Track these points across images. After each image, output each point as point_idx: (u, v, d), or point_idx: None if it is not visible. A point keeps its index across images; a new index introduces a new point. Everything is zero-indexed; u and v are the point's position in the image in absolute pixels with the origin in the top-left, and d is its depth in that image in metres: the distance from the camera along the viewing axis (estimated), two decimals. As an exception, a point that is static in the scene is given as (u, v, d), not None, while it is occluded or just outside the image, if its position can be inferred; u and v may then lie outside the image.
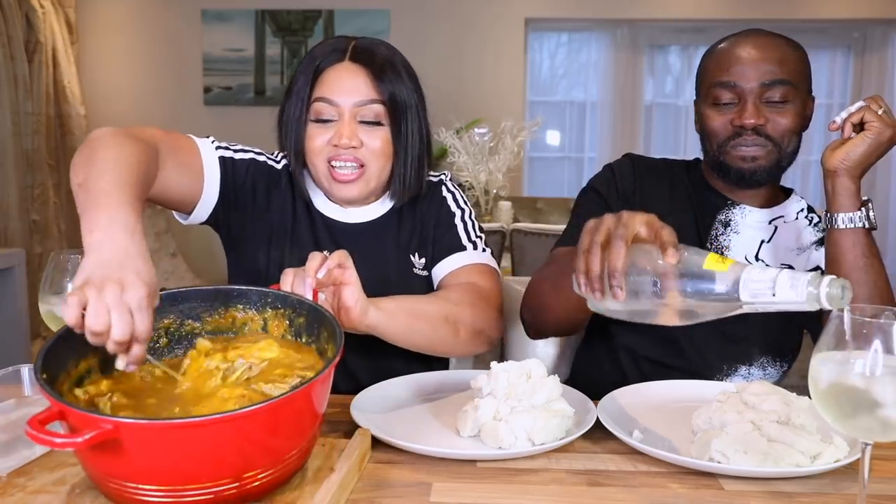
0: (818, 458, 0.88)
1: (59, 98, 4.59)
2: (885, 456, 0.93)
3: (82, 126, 4.68)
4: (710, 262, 0.84)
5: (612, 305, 0.89)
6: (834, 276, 0.76)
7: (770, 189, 1.34)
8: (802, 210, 1.37)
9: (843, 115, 1.12)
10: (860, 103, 1.12)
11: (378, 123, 1.20)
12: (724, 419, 0.96)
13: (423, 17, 4.90)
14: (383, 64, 1.20)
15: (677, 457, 0.89)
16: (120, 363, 0.79)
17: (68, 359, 0.81)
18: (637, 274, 0.86)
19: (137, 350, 0.78)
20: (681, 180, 1.38)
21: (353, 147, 1.18)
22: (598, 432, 1.00)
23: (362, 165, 1.20)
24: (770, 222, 1.34)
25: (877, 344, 0.67)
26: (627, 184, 1.35)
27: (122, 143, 0.96)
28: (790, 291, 0.78)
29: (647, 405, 1.10)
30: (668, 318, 0.87)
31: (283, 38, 4.94)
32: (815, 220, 1.37)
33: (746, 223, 1.33)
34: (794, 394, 1.00)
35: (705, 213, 1.34)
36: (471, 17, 4.93)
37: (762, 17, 4.89)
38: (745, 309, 0.82)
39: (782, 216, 1.35)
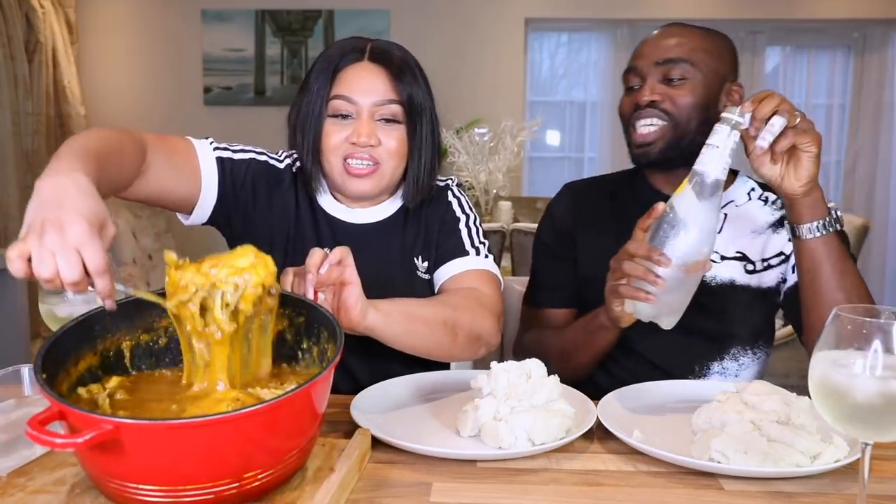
0: (818, 458, 0.88)
1: (59, 98, 4.59)
2: (885, 456, 0.93)
3: (82, 126, 4.68)
4: (678, 189, 1.04)
5: (672, 275, 1.04)
6: (729, 108, 1.01)
7: None
8: (753, 189, 1.37)
9: (769, 138, 1.03)
10: (780, 121, 1.02)
11: (395, 122, 1.20)
12: (724, 419, 0.96)
13: (423, 17, 4.90)
14: (401, 65, 1.21)
15: (677, 457, 0.89)
16: (98, 300, 0.78)
17: (67, 359, 0.81)
18: (658, 241, 1.04)
19: (100, 284, 0.76)
20: (622, 192, 1.41)
21: (371, 145, 1.18)
22: (598, 432, 1.00)
23: (377, 163, 1.20)
24: (720, 209, 1.32)
25: (877, 344, 0.67)
26: (567, 219, 1.41)
27: (96, 130, 0.98)
28: (717, 135, 1.02)
29: (647, 405, 1.10)
30: (701, 237, 1.04)
31: (283, 38, 4.94)
32: (771, 198, 1.35)
33: None
34: (794, 394, 1.00)
35: None
36: (471, 17, 4.93)
37: (762, 17, 4.89)
38: (721, 175, 1.02)
39: (732, 201, 1.35)
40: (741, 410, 0.96)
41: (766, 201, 1.35)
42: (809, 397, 0.75)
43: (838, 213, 1.13)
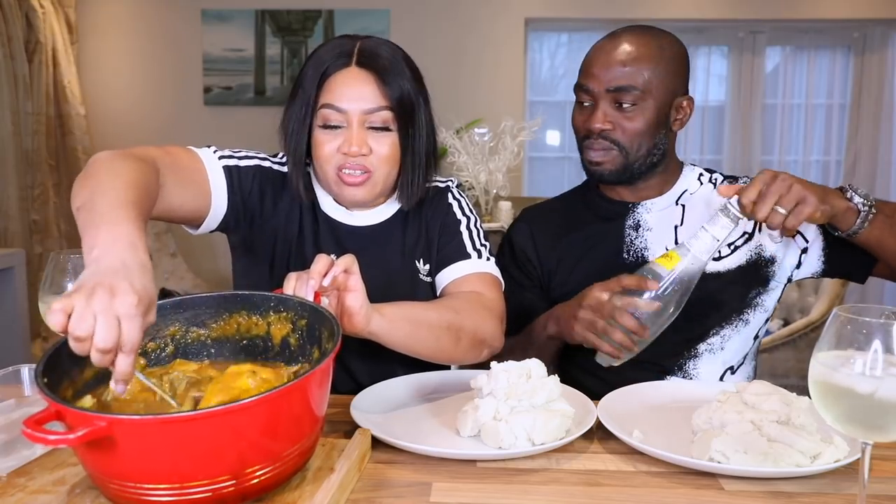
0: (818, 458, 0.88)
1: (59, 98, 4.58)
2: (885, 456, 0.93)
3: (82, 126, 4.68)
4: (666, 263, 1.12)
5: (644, 341, 1.16)
6: (723, 203, 1.09)
7: (663, 174, 1.37)
8: (702, 174, 1.41)
9: (776, 240, 1.12)
10: (776, 232, 1.08)
11: (386, 129, 1.19)
12: (724, 419, 0.96)
13: (423, 17, 4.90)
14: (389, 66, 1.19)
15: (677, 457, 0.89)
16: (112, 383, 0.74)
17: (72, 366, 0.81)
18: (640, 312, 1.13)
19: (122, 363, 0.72)
20: (579, 209, 1.44)
21: (363, 155, 1.17)
22: (598, 432, 1.00)
23: (369, 172, 1.19)
24: (676, 203, 1.37)
25: (877, 344, 0.67)
26: (527, 245, 1.44)
27: (120, 165, 0.93)
28: (718, 228, 1.09)
29: (647, 405, 1.10)
30: (678, 310, 1.15)
31: (283, 38, 4.94)
32: (719, 179, 1.40)
33: (654, 217, 1.36)
34: (794, 394, 1.00)
35: (614, 224, 1.38)
36: (471, 17, 4.92)
37: (762, 17, 4.89)
38: (710, 259, 1.13)
39: (685, 190, 1.38)
40: (741, 410, 0.96)
41: (715, 184, 1.40)
42: (809, 397, 0.75)
43: (860, 195, 1.15)
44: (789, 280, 1.37)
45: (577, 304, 1.20)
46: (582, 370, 1.38)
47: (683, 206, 1.37)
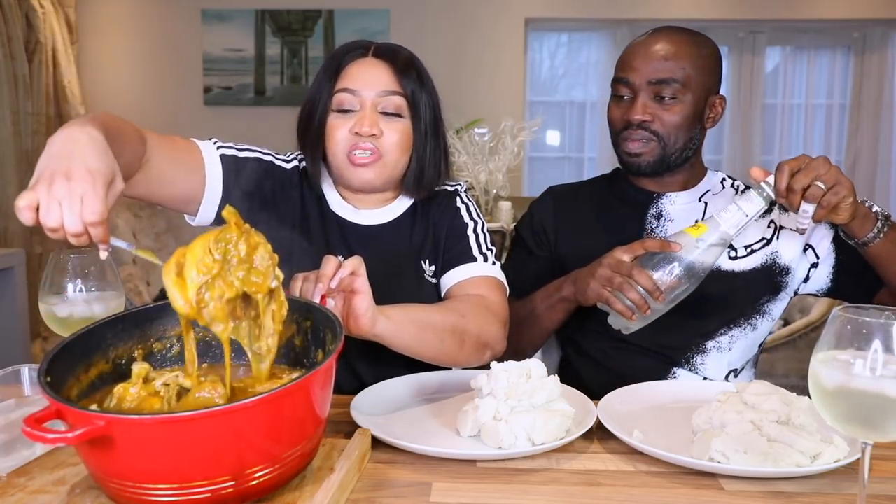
0: (818, 458, 0.88)
1: (59, 98, 4.58)
2: (885, 456, 0.93)
3: (82, 126, 4.68)
4: (694, 232, 1.13)
5: (659, 307, 1.16)
6: (754, 185, 1.11)
7: (690, 170, 1.40)
8: (724, 179, 1.44)
9: (806, 222, 1.08)
10: (811, 207, 1.06)
11: (398, 115, 1.21)
12: (724, 419, 0.96)
13: (423, 17, 4.90)
14: (406, 63, 1.23)
15: (677, 457, 0.89)
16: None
17: (77, 366, 0.81)
18: (659, 275, 1.13)
19: (95, 234, 0.77)
20: (605, 193, 1.46)
21: (373, 135, 1.19)
22: (598, 432, 1.00)
23: (379, 155, 1.20)
24: (699, 199, 1.40)
25: (877, 344, 0.67)
26: (547, 220, 1.46)
27: (100, 113, 0.97)
28: (750, 204, 1.11)
29: (647, 405, 1.10)
30: (697, 282, 1.15)
31: (283, 38, 4.94)
32: (741, 187, 1.43)
33: (677, 209, 1.39)
34: (794, 394, 1.00)
35: (636, 212, 1.40)
36: (471, 17, 4.92)
37: (762, 17, 4.89)
38: (735, 238, 1.14)
39: (709, 190, 1.42)
40: (741, 410, 0.96)
41: (737, 190, 1.43)
42: (809, 397, 0.75)
43: (880, 208, 1.18)
44: (795, 293, 1.40)
45: (597, 263, 1.21)
46: (586, 359, 1.38)
47: (706, 203, 1.40)
